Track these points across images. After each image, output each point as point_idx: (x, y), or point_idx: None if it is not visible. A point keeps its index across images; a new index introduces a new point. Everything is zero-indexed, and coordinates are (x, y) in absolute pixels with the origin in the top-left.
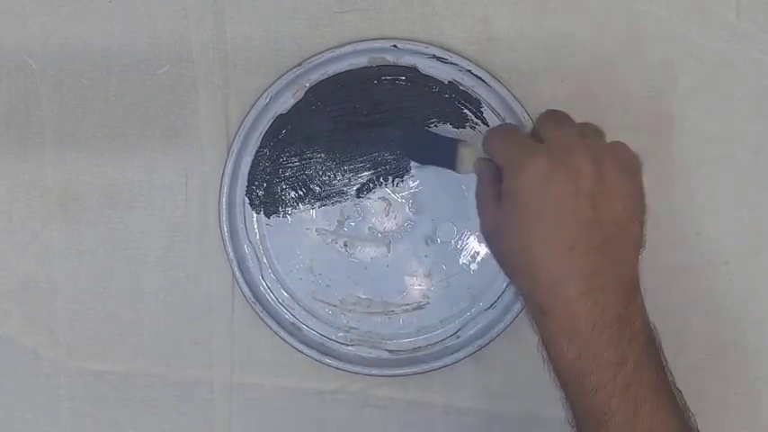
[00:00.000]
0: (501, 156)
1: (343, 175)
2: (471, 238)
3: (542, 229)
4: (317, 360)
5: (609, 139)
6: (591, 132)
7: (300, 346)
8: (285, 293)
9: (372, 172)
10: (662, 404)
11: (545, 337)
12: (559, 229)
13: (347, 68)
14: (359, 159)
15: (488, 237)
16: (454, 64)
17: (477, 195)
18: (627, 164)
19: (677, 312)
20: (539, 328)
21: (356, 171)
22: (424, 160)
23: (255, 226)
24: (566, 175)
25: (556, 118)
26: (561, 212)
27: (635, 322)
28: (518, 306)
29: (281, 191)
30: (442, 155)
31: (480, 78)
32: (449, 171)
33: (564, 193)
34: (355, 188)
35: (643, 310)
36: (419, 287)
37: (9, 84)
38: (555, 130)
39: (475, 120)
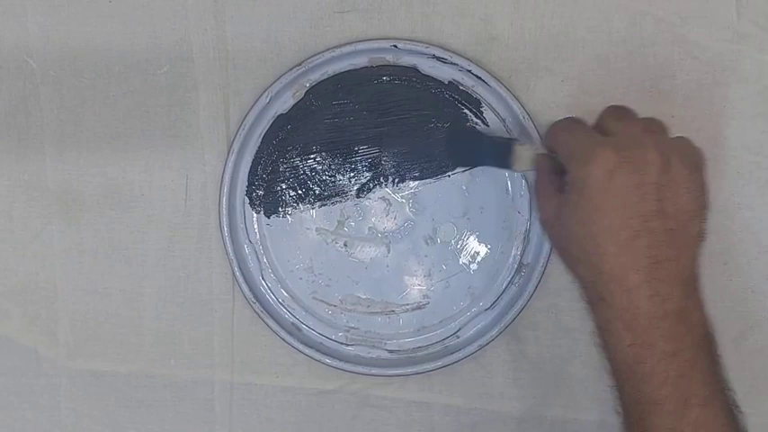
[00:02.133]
0: (566, 148)
1: (343, 176)
2: (471, 238)
3: (607, 220)
4: (316, 360)
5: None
6: (655, 127)
7: (300, 346)
8: (285, 293)
9: (372, 172)
10: (712, 398)
11: (602, 324)
12: (624, 219)
13: (347, 68)
14: (359, 159)
15: (549, 226)
16: (454, 64)
17: (537, 189)
18: (691, 159)
19: None
20: (596, 316)
21: (356, 171)
22: (475, 162)
23: (255, 226)
24: (632, 166)
25: (621, 112)
26: (626, 203)
27: (693, 315)
28: (518, 306)
29: (282, 191)
30: (496, 155)
31: (480, 78)
32: (447, 171)
33: (630, 184)
34: (355, 188)
35: (701, 304)
36: (419, 287)
37: (9, 84)
38: (620, 124)
39: (475, 120)
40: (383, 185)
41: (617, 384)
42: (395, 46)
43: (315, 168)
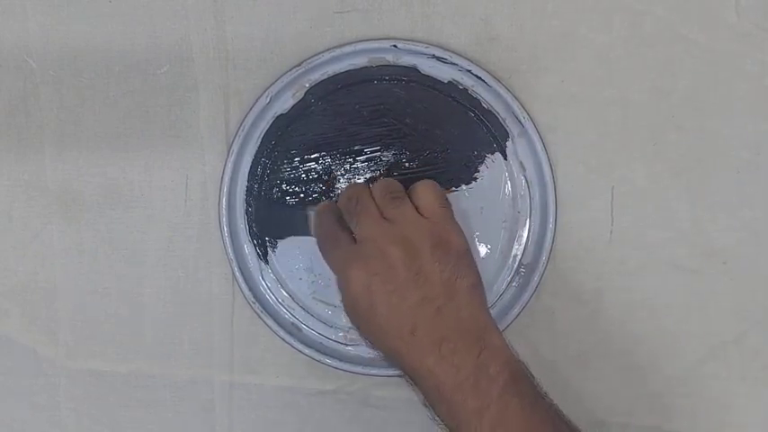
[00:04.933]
0: (330, 265)
1: (343, 176)
2: (471, 238)
3: (384, 327)
4: (316, 360)
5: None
6: (388, 203)
7: (300, 346)
8: (285, 293)
9: (372, 172)
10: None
11: (422, 401)
12: (396, 320)
13: (347, 68)
14: (359, 159)
15: (354, 327)
16: (454, 64)
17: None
18: (433, 220)
19: (677, 312)
20: (416, 394)
21: (356, 171)
22: (282, 234)
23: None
24: (382, 277)
25: (352, 207)
26: (392, 307)
27: (491, 367)
28: (518, 306)
29: (282, 191)
30: (294, 223)
31: (480, 78)
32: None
33: (387, 290)
34: None
35: (500, 349)
36: None
37: (9, 84)
38: (360, 226)
39: (475, 120)
40: None
41: None
42: (395, 46)
43: (315, 168)
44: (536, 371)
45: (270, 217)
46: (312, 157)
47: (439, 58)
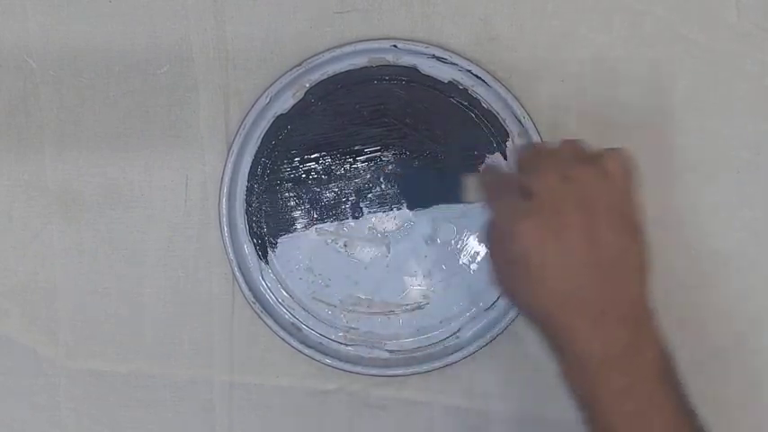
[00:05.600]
0: (495, 216)
1: (343, 176)
2: (471, 238)
3: (544, 284)
4: (316, 360)
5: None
6: (575, 163)
7: (300, 346)
8: (285, 293)
9: (372, 172)
10: (672, 429)
11: (562, 370)
12: (559, 280)
13: (347, 68)
14: (359, 159)
15: (500, 286)
16: (454, 64)
17: (486, 239)
18: (616, 194)
19: (677, 312)
20: (556, 361)
21: (356, 171)
22: (428, 203)
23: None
24: (555, 233)
25: (535, 161)
26: (558, 266)
27: (646, 350)
28: None
29: (282, 191)
30: (446, 190)
31: (480, 78)
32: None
33: (557, 249)
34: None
35: (656, 334)
36: (419, 287)
37: (9, 84)
38: (538, 181)
39: (475, 120)
40: (383, 185)
41: (584, 419)
42: (395, 46)
43: (314, 168)
44: (536, 371)
45: (420, 186)
46: (312, 157)
47: (439, 58)
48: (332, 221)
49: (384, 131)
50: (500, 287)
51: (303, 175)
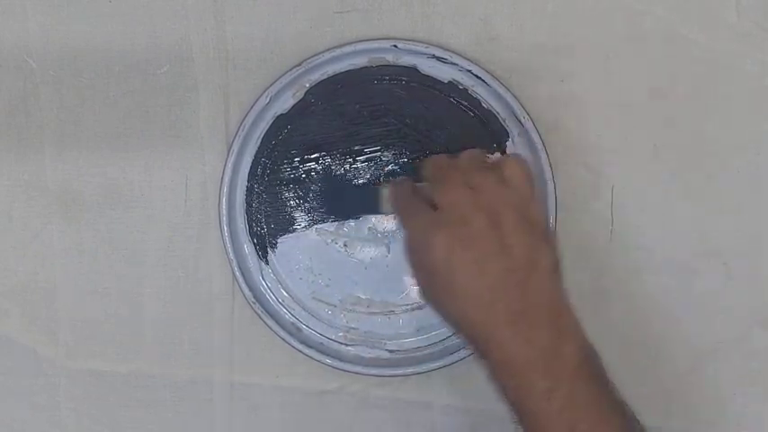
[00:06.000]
0: (408, 231)
1: (343, 176)
2: None
3: (462, 295)
4: (316, 360)
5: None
6: (476, 172)
7: (300, 346)
8: (285, 293)
9: (373, 172)
10: (601, 421)
11: (489, 373)
12: (475, 291)
13: (347, 68)
14: (359, 159)
15: (424, 299)
16: (454, 64)
17: (405, 254)
18: (517, 195)
19: (677, 312)
20: (483, 366)
21: (356, 171)
22: (349, 214)
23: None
24: (464, 244)
25: (439, 173)
26: (473, 275)
27: (565, 347)
28: None
29: (282, 191)
30: (364, 202)
31: (480, 78)
32: None
33: (469, 259)
34: None
35: (574, 330)
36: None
37: (9, 84)
38: (443, 193)
39: (475, 120)
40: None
41: (514, 421)
42: (395, 46)
43: (314, 168)
44: None
45: (339, 198)
46: (312, 157)
47: (439, 58)
48: (332, 221)
49: (384, 131)
50: (423, 299)
51: (303, 175)
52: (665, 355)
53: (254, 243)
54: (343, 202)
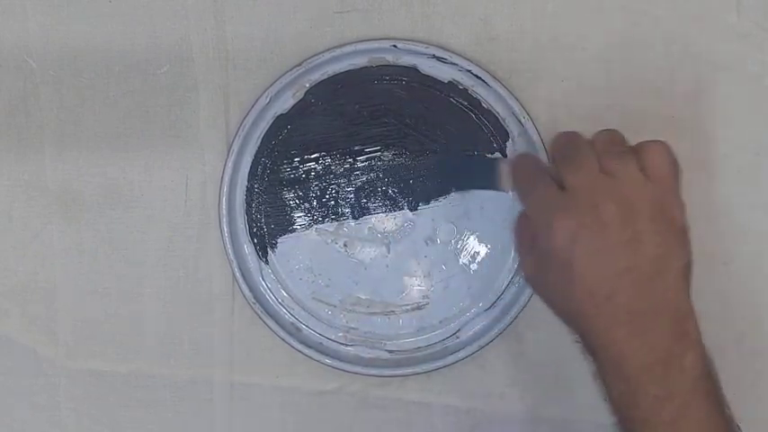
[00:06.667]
0: (527, 205)
1: (344, 175)
2: (471, 238)
3: (578, 285)
4: (316, 360)
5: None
6: (614, 155)
7: (300, 346)
8: (285, 293)
9: (372, 172)
10: None
11: (598, 373)
12: (595, 282)
13: (347, 68)
14: (359, 159)
15: (532, 283)
16: (454, 64)
17: (515, 238)
18: (656, 190)
19: None
20: (592, 363)
21: (356, 171)
22: (465, 185)
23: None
24: (593, 230)
25: (572, 155)
26: (594, 266)
27: (686, 358)
28: (518, 306)
29: (282, 191)
30: (483, 176)
31: (480, 78)
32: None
33: (594, 248)
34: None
35: (698, 341)
36: (419, 287)
37: (9, 84)
38: (574, 174)
39: (475, 120)
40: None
41: (617, 424)
42: (395, 46)
43: (314, 168)
44: (536, 371)
45: (459, 171)
46: (312, 157)
47: (439, 58)
48: (332, 221)
49: (384, 131)
50: (530, 283)
51: (303, 175)
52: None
53: (254, 243)
54: (457, 173)
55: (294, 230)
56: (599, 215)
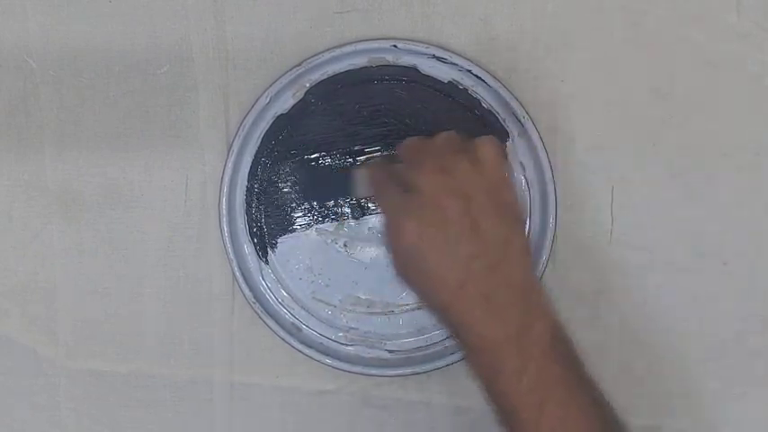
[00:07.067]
0: (383, 212)
1: (342, 176)
2: None
3: (433, 278)
4: (316, 360)
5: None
6: (450, 154)
7: (300, 346)
8: (285, 293)
9: None
10: (570, 399)
11: (463, 353)
12: (446, 273)
13: (347, 68)
14: (359, 159)
15: (399, 280)
16: (454, 64)
17: (382, 235)
18: (491, 178)
19: (677, 312)
20: (457, 346)
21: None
22: (323, 198)
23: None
24: (436, 225)
25: (415, 155)
26: (443, 259)
27: (536, 326)
28: None
29: (281, 191)
30: (338, 185)
31: (480, 78)
32: None
33: (439, 242)
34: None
35: (545, 309)
36: None
37: (9, 84)
38: (418, 175)
39: (475, 120)
40: None
41: (486, 400)
42: (395, 46)
43: (315, 168)
44: None
45: (309, 182)
46: (312, 157)
47: (439, 58)
48: (332, 221)
49: (384, 131)
50: (399, 281)
51: (303, 175)
52: (666, 354)
53: (254, 243)
54: (319, 186)
55: (294, 230)
56: (440, 210)
